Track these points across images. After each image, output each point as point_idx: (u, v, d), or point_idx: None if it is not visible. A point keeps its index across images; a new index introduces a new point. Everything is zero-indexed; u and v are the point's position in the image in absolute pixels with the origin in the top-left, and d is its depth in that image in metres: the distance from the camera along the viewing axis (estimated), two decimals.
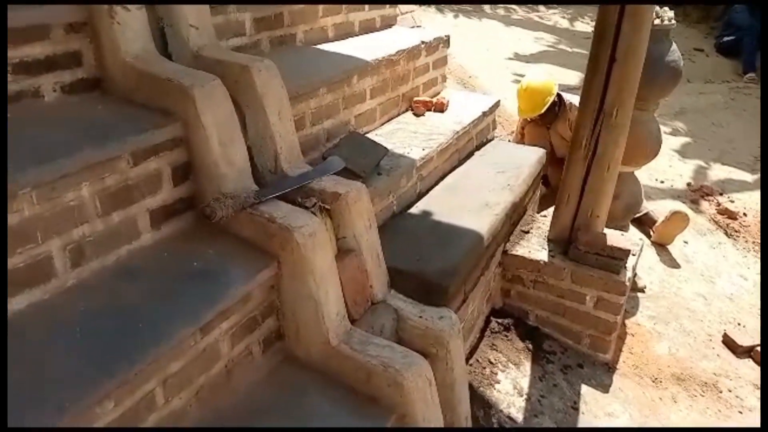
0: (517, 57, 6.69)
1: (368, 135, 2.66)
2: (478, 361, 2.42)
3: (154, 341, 1.33)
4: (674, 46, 3.11)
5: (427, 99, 3.17)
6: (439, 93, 3.44)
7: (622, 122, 2.52)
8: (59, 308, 1.38)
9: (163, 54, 1.90)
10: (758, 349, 2.86)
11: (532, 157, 3.23)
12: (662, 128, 4.91)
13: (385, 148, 2.43)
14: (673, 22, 3.05)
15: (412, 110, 3.12)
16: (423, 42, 3.13)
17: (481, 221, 2.45)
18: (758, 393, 2.65)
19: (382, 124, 2.91)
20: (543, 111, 3.60)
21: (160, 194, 1.68)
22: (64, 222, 1.42)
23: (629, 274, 2.58)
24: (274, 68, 1.95)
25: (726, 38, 8.14)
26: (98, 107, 1.73)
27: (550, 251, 2.72)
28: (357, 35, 3.17)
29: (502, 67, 6.23)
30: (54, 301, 1.40)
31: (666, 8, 3.09)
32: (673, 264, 3.59)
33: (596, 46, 2.48)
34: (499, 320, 2.69)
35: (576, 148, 2.62)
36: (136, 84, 1.77)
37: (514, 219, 2.84)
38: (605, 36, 2.42)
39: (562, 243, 2.75)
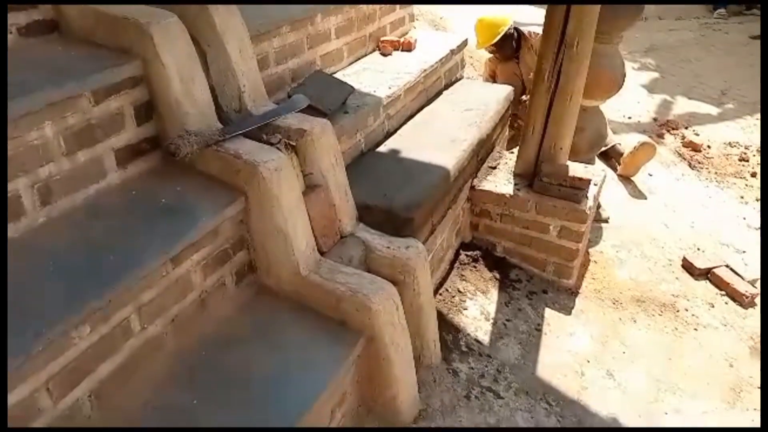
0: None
1: (335, 75, 2.67)
2: (447, 290, 2.52)
3: (125, 271, 1.38)
4: None
5: (394, 39, 3.17)
6: (407, 33, 3.43)
7: (584, 53, 2.56)
8: (31, 245, 1.42)
9: None
10: (715, 271, 3.00)
11: (499, 94, 3.26)
12: (631, 65, 4.97)
13: (351, 86, 2.45)
14: None
15: (379, 50, 3.12)
16: None
17: (448, 157, 2.51)
18: (713, 311, 2.81)
19: (350, 64, 2.92)
20: (497, 40, 3.68)
21: (125, 133, 1.70)
22: (29, 161, 1.45)
23: (590, 203, 2.67)
24: (233, 6, 1.94)
25: None
26: (56, 48, 1.73)
27: (515, 185, 2.80)
28: None
29: (472, 8, 6.15)
30: (25, 238, 1.44)
31: None
32: (638, 195, 3.71)
33: None
34: (468, 253, 2.79)
35: (539, 80, 2.67)
36: (93, 24, 1.76)
37: (481, 155, 2.90)
38: None
39: (528, 177, 2.82)
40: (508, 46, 3.72)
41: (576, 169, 2.66)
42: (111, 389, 1.41)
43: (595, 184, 2.76)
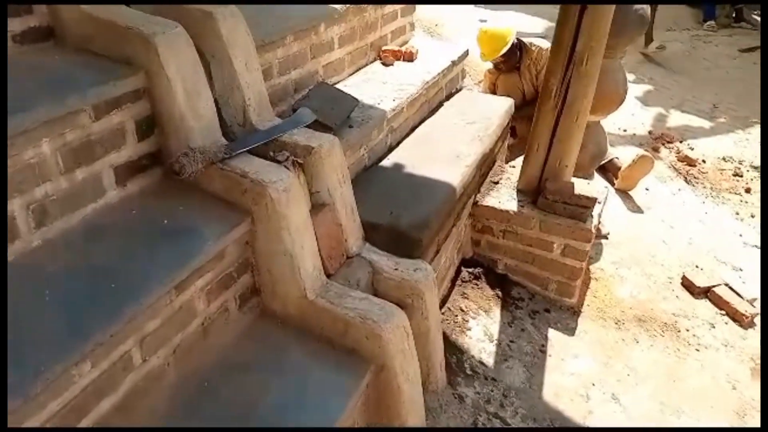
0: (483, 5, 6.58)
1: (337, 85, 2.60)
2: (450, 309, 2.47)
3: (129, 301, 1.30)
4: None
5: (396, 48, 3.10)
6: (407, 42, 3.37)
7: (592, 71, 2.52)
8: (26, 270, 1.33)
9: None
10: (714, 289, 2.99)
11: (501, 107, 3.21)
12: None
13: (356, 99, 2.38)
14: None
15: (380, 59, 3.05)
16: None
17: (453, 173, 2.45)
18: (714, 331, 2.79)
19: (351, 74, 2.85)
20: (503, 53, 3.62)
21: (125, 149, 1.61)
22: (25, 180, 1.36)
23: (595, 221, 2.64)
24: (239, 15, 1.87)
25: None
26: (53, 57, 1.64)
27: (519, 201, 2.75)
28: None
29: (468, 16, 6.12)
30: (20, 262, 1.35)
31: None
32: (636, 209, 3.69)
33: None
34: (470, 269, 2.74)
35: (546, 98, 2.62)
36: (92, 32, 1.67)
37: (484, 170, 2.85)
38: None
39: (531, 193, 2.78)
40: (512, 58, 3.68)
41: (582, 188, 2.62)
42: (111, 425, 1.32)
43: (600, 202, 2.72)
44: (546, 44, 3.73)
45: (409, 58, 3.09)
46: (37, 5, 1.65)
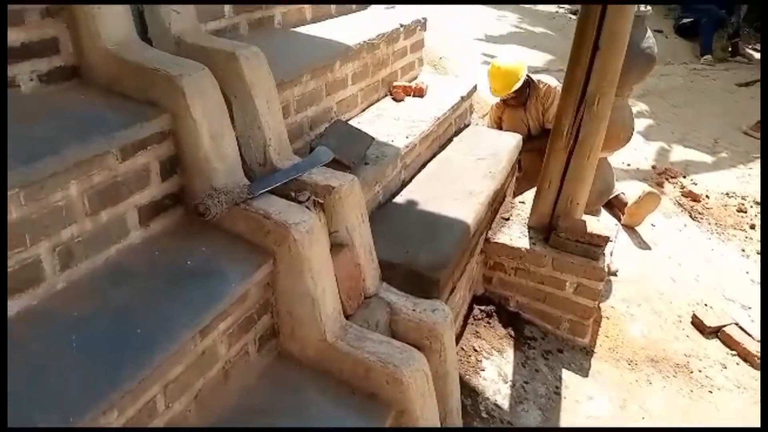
0: (486, 38, 6.69)
1: (351, 121, 2.62)
2: (463, 349, 2.45)
3: (156, 346, 1.28)
4: (649, 32, 3.14)
5: (407, 84, 3.13)
6: (416, 77, 3.40)
7: (603, 111, 2.55)
8: (51, 314, 1.32)
9: (142, 39, 1.81)
10: (725, 329, 2.98)
11: (510, 143, 3.24)
12: None
13: (371, 136, 2.39)
14: (649, 8, 3.08)
15: (391, 95, 3.08)
16: (401, 25, 3.08)
17: (467, 210, 2.45)
18: (726, 372, 2.77)
19: (363, 110, 2.87)
20: (515, 89, 3.63)
21: (149, 190, 1.61)
22: (52, 223, 1.35)
23: (607, 260, 2.64)
24: (261, 55, 1.88)
25: (684, 20, 8.34)
26: (79, 97, 1.64)
27: (530, 238, 2.75)
28: (334, 17, 3.09)
29: (471, 49, 6.21)
30: (45, 306, 1.33)
31: None
32: (643, 245, 3.70)
33: (579, 35, 2.48)
34: (482, 307, 2.72)
35: (557, 137, 2.64)
36: (118, 73, 1.67)
37: (495, 206, 2.86)
38: (589, 24, 2.43)
39: (542, 230, 2.78)
40: (522, 94, 3.71)
41: (594, 226, 2.63)
42: None
43: (612, 241, 2.73)
44: (554, 81, 3.77)
45: (419, 93, 3.12)
46: (63, 46, 1.66)
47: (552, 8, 8.50)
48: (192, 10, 1.97)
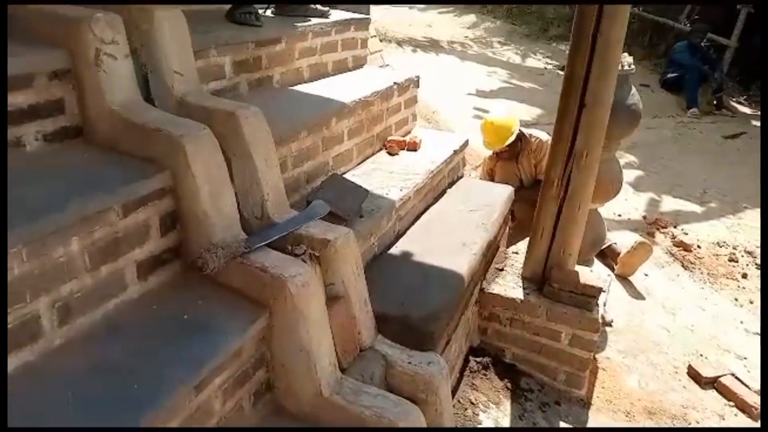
0: (477, 93, 6.89)
1: (346, 175, 2.68)
2: (459, 401, 2.43)
3: (151, 404, 1.28)
4: (633, 89, 3.26)
5: (401, 138, 3.22)
6: (410, 131, 3.50)
7: (592, 164, 2.62)
8: (49, 370, 1.33)
9: (145, 101, 1.88)
10: (722, 380, 2.97)
11: (502, 195, 3.30)
12: None
13: (366, 189, 2.44)
14: (633, 67, 3.21)
15: (386, 149, 3.16)
16: (395, 83, 3.19)
17: (461, 261, 2.49)
18: (723, 424, 2.75)
19: (359, 164, 2.94)
20: (508, 143, 3.74)
21: (148, 245, 1.64)
22: (53, 279, 1.37)
23: (601, 310, 2.66)
24: (260, 115, 1.95)
25: (670, 75, 8.60)
26: (82, 156, 1.69)
27: (524, 289, 2.78)
28: (331, 75, 3.21)
29: (463, 103, 6.39)
30: (42, 362, 1.34)
31: (625, 54, 3.25)
32: (637, 296, 3.72)
33: (566, 93, 2.58)
34: (478, 359, 2.71)
35: (548, 188, 2.71)
36: (121, 132, 1.73)
37: (489, 257, 2.89)
38: (574, 83, 2.53)
39: (536, 280, 2.81)
40: (514, 148, 3.81)
41: (587, 277, 2.66)
42: None
43: (604, 291, 2.75)
44: (545, 135, 3.88)
45: (413, 147, 3.20)
46: (69, 106, 1.73)
47: (540, 64, 8.79)
48: (194, 72, 2.05)
